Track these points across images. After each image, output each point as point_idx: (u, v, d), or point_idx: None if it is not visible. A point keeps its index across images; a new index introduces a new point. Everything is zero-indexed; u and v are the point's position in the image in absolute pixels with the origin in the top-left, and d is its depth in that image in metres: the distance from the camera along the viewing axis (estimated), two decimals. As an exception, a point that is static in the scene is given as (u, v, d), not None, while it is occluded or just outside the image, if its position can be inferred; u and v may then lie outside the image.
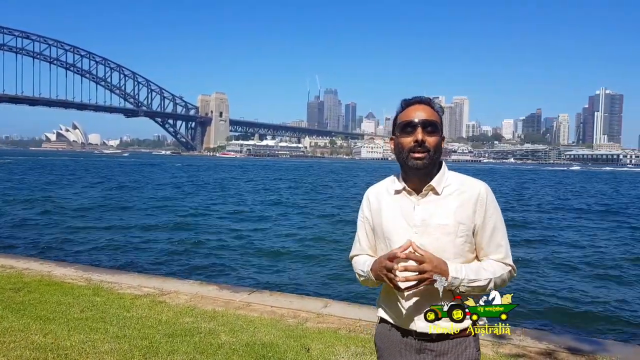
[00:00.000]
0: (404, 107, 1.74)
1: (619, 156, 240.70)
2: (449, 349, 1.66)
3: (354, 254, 1.92)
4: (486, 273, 1.63)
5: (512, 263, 1.71)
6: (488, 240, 1.68)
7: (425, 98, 1.74)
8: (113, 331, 4.41)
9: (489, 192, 1.70)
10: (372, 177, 52.64)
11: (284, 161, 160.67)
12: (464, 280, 1.59)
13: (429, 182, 1.69)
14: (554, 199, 30.53)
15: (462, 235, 1.65)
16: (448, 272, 1.57)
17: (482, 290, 1.62)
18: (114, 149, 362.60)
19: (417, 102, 1.72)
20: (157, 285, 6.41)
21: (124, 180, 39.64)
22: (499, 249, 1.69)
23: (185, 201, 23.99)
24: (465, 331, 1.65)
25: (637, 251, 12.71)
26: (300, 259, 11.05)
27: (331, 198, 28.08)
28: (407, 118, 1.68)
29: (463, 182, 1.71)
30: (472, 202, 1.67)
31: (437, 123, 1.69)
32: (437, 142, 1.67)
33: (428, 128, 1.66)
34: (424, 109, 1.69)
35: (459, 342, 1.66)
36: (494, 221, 1.69)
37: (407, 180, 1.74)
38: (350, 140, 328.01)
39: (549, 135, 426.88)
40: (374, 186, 1.88)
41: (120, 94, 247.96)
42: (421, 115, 1.67)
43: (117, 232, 14.13)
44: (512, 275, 1.71)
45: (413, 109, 1.70)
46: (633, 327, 6.81)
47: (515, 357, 4.14)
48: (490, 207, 1.69)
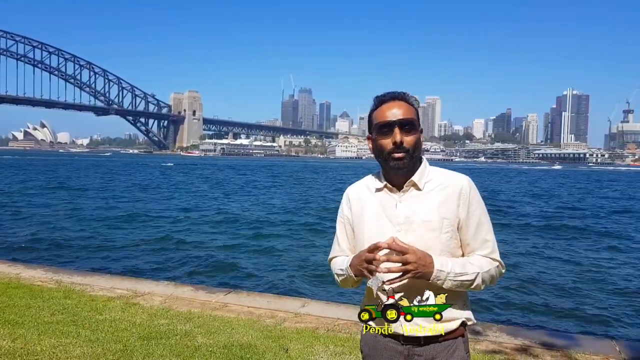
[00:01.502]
0: (377, 105, 1.67)
1: (585, 155, 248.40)
2: (438, 353, 1.61)
3: (333, 255, 1.84)
4: (473, 267, 1.58)
5: (499, 259, 1.66)
6: (473, 235, 1.63)
7: (399, 93, 1.66)
8: (85, 335, 4.27)
9: (472, 185, 1.65)
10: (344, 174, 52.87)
11: (258, 160, 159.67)
12: (449, 274, 1.53)
13: (410, 178, 1.64)
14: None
15: (448, 231, 1.60)
16: (433, 265, 1.51)
17: (469, 286, 1.57)
18: (86, 148, 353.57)
19: (391, 98, 1.65)
20: (130, 286, 6.26)
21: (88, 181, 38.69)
22: (485, 244, 1.64)
23: (157, 202, 23.59)
24: (453, 333, 1.63)
25: (612, 247, 13.10)
26: (276, 258, 10.98)
27: (306, 197, 28.05)
28: (383, 118, 1.62)
29: (445, 177, 1.66)
30: (455, 196, 1.62)
31: (415, 120, 1.62)
32: (415, 140, 1.61)
33: (406, 127, 1.60)
34: (399, 105, 1.62)
35: (448, 345, 1.62)
36: (478, 215, 1.64)
37: (387, 177, 1.68)
38: (325, 140, 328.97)
39: (518, 135, 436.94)
40: (353, 185, 1.81)
41: (91, 92, 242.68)
42: (397, 113, 1.60)
43: (87, 232, 13.78)
44: (501, 272, 1.67)
45: (388, 107, 1.63)
46: (603, 322, 7.01)
47: (492, 353, 4.18)
48: (474, 201, 1.64)
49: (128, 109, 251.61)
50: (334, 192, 32.49)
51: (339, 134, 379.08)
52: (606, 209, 24.22)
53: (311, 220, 17.54)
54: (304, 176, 55.11)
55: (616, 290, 8.73)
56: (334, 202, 24.76)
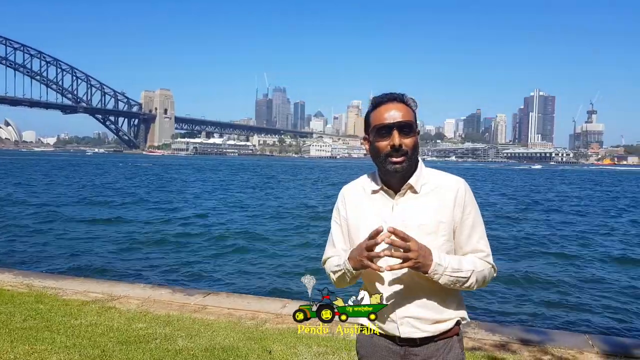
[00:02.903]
0: (375, 106, 1.63)
1: (552, 154, 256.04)
2: (434, 352, 1.62)
3: (328, 256, 1.79)
4: (468, 265, 1.57)
5: (492, 262, 1.65)
6: (467, 237, 1.63)
7: (397, 94, 1.63)
8: (61, 340, 4.15)
9: (467, 188, 1.65)
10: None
11: (231, 159, 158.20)
12: (447, 269, 1.52)
13: (406, 181, 1.62)
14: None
15: (444, 235, 1.60)
16: (432, 258, 1.50)
17: (463, 284, 1.56)
18: (52, 147, 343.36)
19: (389, 100, 1.62)
20: (105, 290, 6.11)
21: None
22: (478, 246, 1.64)
23: (127, 202, 23.12)
24: (449, 332, 1.63)
25: (586, 244, 13.51)
26: (255, 259, 10.89)
27: (284, 196, 27.96)
28: (381, 120, 1.59)
29: (441, 179, 1.66)
30: (450, 199, 1.61)
31: (413, 123, 1.60)
32: (414, 142, 1.59)
33: (404, 130, 1.58)
34: (397, 107, 1.59)
35: (444, 344, 1.63)
36: (473, 218, 1.64)
37: (384, 179, 1.66)
38: (299, 139, 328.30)
39: (487, 135, 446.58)
40: (349, 184, 1.79)
41: (58, 90, 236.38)
42: (396, 115, 1.58)
43: (58, 234, 13.39)
44: (493, 275, 1.67)
45: (386, 109, 1.60)
46: (577, 317, 7.21)
47: (473, 350, 4.25)
48: (469, 204, 1.64)
49: (97, 107, 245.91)
50: (313, 192, 32.50)
51: (313, 133, 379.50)
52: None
53: (290, 221, 17.48)
54: (278, 175, 54.96)
55: (588, 286, 8.99)
56: (315, 202, 24.76)
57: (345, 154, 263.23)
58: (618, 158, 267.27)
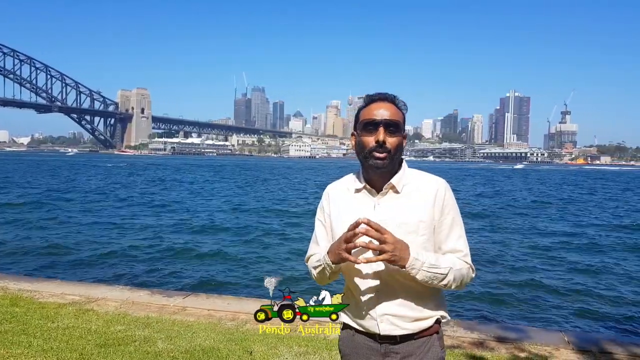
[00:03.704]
0: (367, 103, 1.69)
1: (527, 154, 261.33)
2: (414, 350, 1.64)
3: (311, 253, 1.81)
4: (445, 262, 1.59)
5: (470, 262, 1.68)
6: (446, 237, 1.66)
7: (389, 95, 1.69)
8: (37, 344, 4.07)
9: (447, 189, 1.69)
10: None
11: (210, 159, 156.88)
12: (424, 264, 1.53)
13: (388, 181, 1.66)
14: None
15: (424, 234, 1.63)
16: (409, 253, 1.52)
17: (441, 280, 1.58)
18: (26, 147, 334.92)
19: (380, 99, 1.67)
20: (82, 292, 6.00)
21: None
22: (456, 246, 1.66)
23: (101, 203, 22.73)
24: (428, 330, 1.66)
25: (561, 239, 13.80)
26: (234, 259, 10.83)
27: (262, 196, 27.86)
28: (370, 116, 1.64)
29: (422, 180, 1.70)
30: (430, 199, 1.65)
31: (400, 123, 1.65)
32: (398, 142, 1.64)
33: (390, 128, 1.62)
34: (387, 107, 1.65)
35: (424, 342, 1.65)
36: (452, 218, 1.67)
37: (367, 178, 1.70)
38: (279, 139, 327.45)
39: (464, 135, 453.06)
40: (334, 183, 1.83)
41: (32, 88, 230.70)
42: (384, 113, 1.63)
43: (32, 235, 13.09)
44: (471, 276, 1.68)
45: (376, 106, 1.65)
46: (553, 314, 7.38)
47: (451, 348, 4.31)
48: (448, 204, 1.67)
49: (72, 107, 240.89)
50: (295, 191, 32.46)
51: (292, 133, 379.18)
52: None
53: (267, 221, 17.43)
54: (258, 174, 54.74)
55: (563, 284, 9.20)
56: (293, 201, 24.74)
57: (324, 153, 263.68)
58: (591, 158, 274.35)
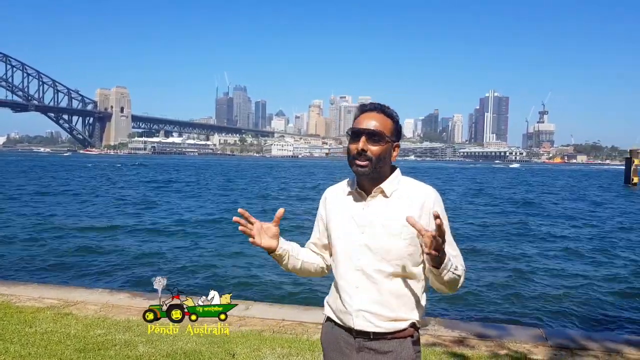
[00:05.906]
0: (359, 113, 1.78)
1: (506, 153, 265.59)
2: (388, 349, 1.68)
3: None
4: (460, 266, 1.68)
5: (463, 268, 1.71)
6: None
7: (379, 105, 1.78)
8: (15, 350, 3.99)
9: (437, 197, 1.74)
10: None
11: (190, 158, 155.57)
12: (452, 266, 1.61)
13: (378, 185, 1.74)
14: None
15: (406, 238, 1.67)
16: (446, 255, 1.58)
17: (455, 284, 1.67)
18: (1, 147, 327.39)
19: (370, 109, 1.76)
20: (60, 295, 5.90)
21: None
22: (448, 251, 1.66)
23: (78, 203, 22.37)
24: (402, 333, 1.69)
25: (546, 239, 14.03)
26: (216, 259, 10.76)
27: (242, 195, 27.74)
28: (356, 125, 1.74)
29: (412, 187, 1.77)
30: (417, 206, 1.70)
31: (383, 133, 1.71)
32: (380, 151, 1.70)
33: (374, 137, 1.70)
34: (374, 116, 1.73)
35: (399, 342, 1.68)
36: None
37: (359, 183, 1.79)
38: (261, 138, 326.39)
39: (445, 134, 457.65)
40: (332, 186, 1.94)
41: (7, 87, 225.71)
42: (369, 124, 1.71)
43: (5, 237, 12.81)
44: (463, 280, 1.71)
45: (365, 117, 1.74)
46: (531, 311, 7.52)
47: (432, 346, 4.37)
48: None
49: (49, 105, 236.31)
50: (280, 191, 32.39)
51: (274, 132, 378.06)
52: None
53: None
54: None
55: (542, 281, 9.37)
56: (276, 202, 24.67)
57: (307, 153, 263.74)
58: (568, 157, 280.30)
